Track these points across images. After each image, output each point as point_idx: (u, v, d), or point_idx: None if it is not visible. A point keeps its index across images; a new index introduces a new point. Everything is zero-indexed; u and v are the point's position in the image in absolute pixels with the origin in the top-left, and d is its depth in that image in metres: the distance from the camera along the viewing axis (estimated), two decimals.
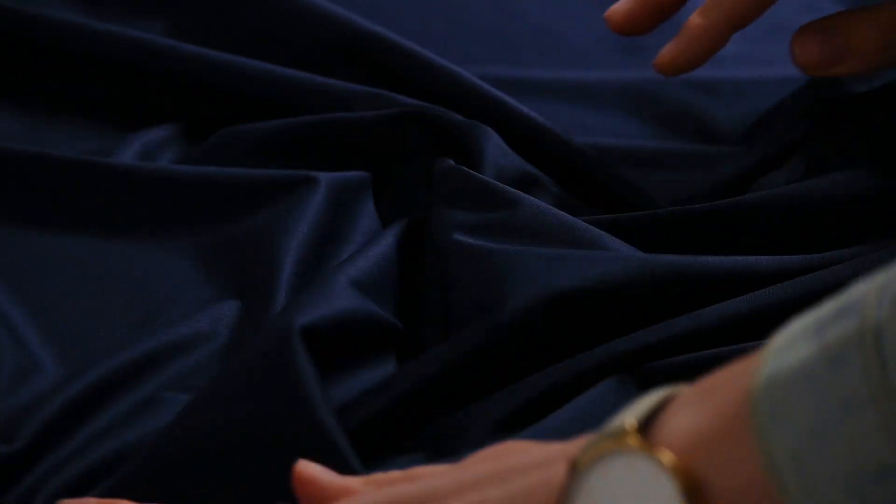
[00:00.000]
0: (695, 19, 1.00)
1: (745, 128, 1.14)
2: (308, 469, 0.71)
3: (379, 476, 0.71)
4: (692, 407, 0.59)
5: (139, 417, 0.83)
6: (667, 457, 0.58)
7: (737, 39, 1.29)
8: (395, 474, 0.71)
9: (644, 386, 0.81)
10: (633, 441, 0.59)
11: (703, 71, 1.24)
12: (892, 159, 0.99)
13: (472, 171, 0.93)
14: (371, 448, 0.79)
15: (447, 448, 0.79)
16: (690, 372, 0.80)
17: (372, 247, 0.90)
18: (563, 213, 0.91)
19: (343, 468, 0.74)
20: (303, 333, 0.79)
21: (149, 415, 0.83)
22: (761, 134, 1.11)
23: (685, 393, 0.61)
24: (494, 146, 0.96)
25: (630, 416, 0.60)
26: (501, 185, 0.92)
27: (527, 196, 0.91)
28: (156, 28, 1.16)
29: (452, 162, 0.95)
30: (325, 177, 0.96)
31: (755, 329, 0.83)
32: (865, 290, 0.56)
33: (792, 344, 0.57)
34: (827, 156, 0.98)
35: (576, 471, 0.59)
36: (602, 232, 0.89)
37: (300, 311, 0.81)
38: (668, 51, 1.02)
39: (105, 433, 0.81)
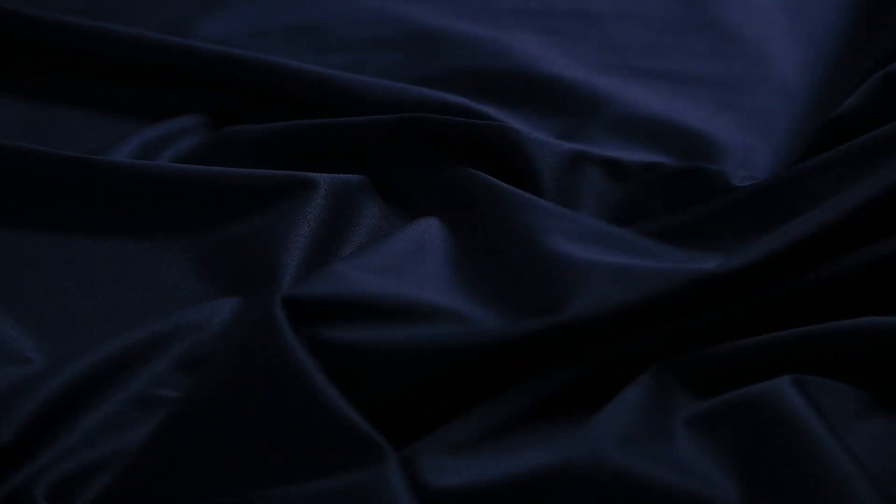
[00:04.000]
0: None
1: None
2: None
3: None
4: None
5: (133, 416, 0.83)
6: None
7: None
8: None
9: (677, 377, 0.82)
10: None
11: None
12: (891, 158, 0.98)
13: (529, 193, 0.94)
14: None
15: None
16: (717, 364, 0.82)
17: (382, 241, 0.91)
18: (611, 224, 0.93)
19: (332, 417, 0.75)
20: (286, 303, 0.80)
21: (142, 413, 0.83)
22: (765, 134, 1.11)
23: None
24: (530, 141, 0.98)
25: None
26: (555, 205, 0.93)
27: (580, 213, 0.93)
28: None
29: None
30: (324, 178, 0.96)
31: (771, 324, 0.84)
32: None
33: None
34: (827, 156, 0.97)
35: None
36: (647, 238, 0.91)
37: (289, 289, 0.83)
38: None
39: (97, 433, 0.81)
